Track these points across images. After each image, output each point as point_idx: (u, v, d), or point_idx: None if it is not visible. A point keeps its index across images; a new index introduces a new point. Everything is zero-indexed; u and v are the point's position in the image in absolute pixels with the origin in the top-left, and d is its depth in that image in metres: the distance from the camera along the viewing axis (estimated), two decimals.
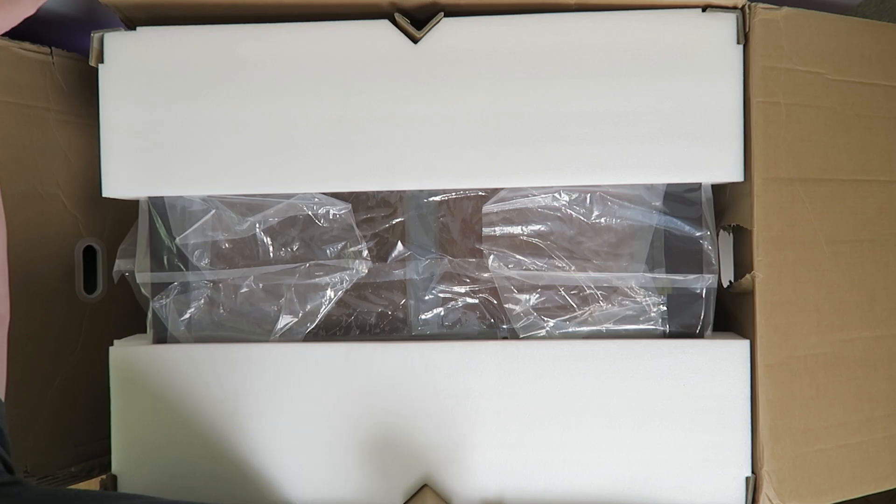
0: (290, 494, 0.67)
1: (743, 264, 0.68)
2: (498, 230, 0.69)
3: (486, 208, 0.69)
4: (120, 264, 0.70)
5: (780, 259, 0.65)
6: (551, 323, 0.68)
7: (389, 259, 0.70)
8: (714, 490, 0.65)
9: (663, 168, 0.65)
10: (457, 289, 0.70)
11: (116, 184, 0.68)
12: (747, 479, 0.65)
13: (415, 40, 0.66)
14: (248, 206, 0.69)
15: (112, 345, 0.69)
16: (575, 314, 0.68)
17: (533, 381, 0.66)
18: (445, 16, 0.66)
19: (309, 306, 0.69)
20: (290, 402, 0.67)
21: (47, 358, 0.74)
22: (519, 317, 0.68)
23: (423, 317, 0.70)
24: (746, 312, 0.66)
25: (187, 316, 0.70)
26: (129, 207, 0.71)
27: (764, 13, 0.64)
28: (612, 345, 0.66)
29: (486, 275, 0.69)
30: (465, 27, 0.66)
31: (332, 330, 0.71)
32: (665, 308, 0.68)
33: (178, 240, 0.70)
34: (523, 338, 0.68)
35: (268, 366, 0.67)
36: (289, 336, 0.69)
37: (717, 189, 0.69)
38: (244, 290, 0.70)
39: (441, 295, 0.70)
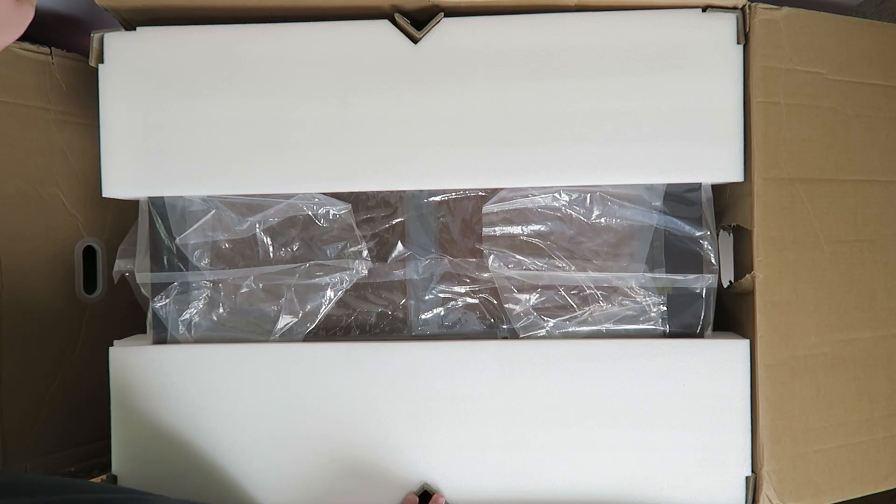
0: (290, 494, 0.67)
1: (743, 264, 0.68)
2: (498, 230, 0.69)
3: (486, 208, 0.69)
4: (120, 264, 0.70)
5: (780, 259, 0.65)
6: (551, 323, 0.68)
7: (389, 259, 0.70)
8: (714, 490, 0.65)
9: (663, 168, 0.65)
10: (457, 289, 0.70)
11: (116, 184, 0.68)
12: (747, 478, 0.65)
13: (415, 41, 0.66)
14: (248, 206, 0.69)
15: (112, 345, 0.69)
16: (575, 314, 0.68)
17: (533, 381, 0.66)
18: (445, 16, 0.66)
19: (309, 306, 0.69)
20: (290, 402, 0.67)
21: (47, 358, 0.74)
22: (519, 317, 0.68)
23: (423, 317, 0.70)
24: (746, 312, 0.66)
25: (187, 316, 0.70)
26: (129, 207, 0.71)
27: (764, 13, 0.64)
28: (612, 345, 0.66)
29: (486, 275, 0.69)
30: (465, 27, 0.66)
31: (332, 330, 0.71)
32: (665, 308, 0.68)
33: (178, 240, 0.70)
34: (523, 338, 0.68)
35: (268, 366, 0.67)
36: (289, 336, 0.69)
37: (717, 189, 0.69)
38: (244, 290, 0.70)
39: (441, 295, 0.70)
